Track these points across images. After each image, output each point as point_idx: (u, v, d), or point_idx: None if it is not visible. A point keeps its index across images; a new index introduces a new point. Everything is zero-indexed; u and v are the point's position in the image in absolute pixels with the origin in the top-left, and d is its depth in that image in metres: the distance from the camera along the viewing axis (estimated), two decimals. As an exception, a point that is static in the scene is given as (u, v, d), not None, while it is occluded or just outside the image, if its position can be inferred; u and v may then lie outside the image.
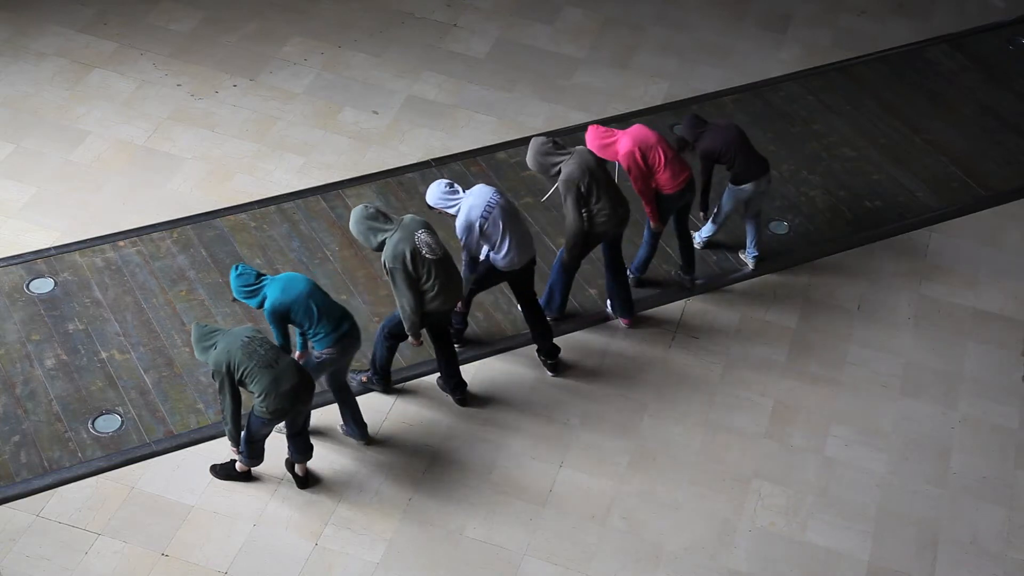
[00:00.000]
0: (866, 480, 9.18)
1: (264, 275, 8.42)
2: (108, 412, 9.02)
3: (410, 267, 8.54)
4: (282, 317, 8.33)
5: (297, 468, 8.66)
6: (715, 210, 10.44)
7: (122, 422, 8.99)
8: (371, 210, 8.63)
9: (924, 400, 9.77)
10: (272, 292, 8.30)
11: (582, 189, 9.15)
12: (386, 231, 8.58)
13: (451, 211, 9.03)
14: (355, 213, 8.64)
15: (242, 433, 8.34)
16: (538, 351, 9.63)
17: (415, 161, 11.33)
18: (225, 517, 8.51)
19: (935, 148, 12.05)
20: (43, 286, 9.85)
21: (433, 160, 11.32)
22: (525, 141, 11.57)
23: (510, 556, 8.51)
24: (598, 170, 9.25)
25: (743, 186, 10.04)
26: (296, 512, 8.58)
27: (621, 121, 11.91)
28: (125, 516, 8.46)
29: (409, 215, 8.73)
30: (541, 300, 9.86)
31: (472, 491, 8.84)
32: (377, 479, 8.84)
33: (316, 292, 8.40)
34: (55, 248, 10.14)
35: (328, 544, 8.44)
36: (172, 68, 11.97)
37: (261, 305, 8.35)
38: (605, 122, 11.86)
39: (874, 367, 9.96)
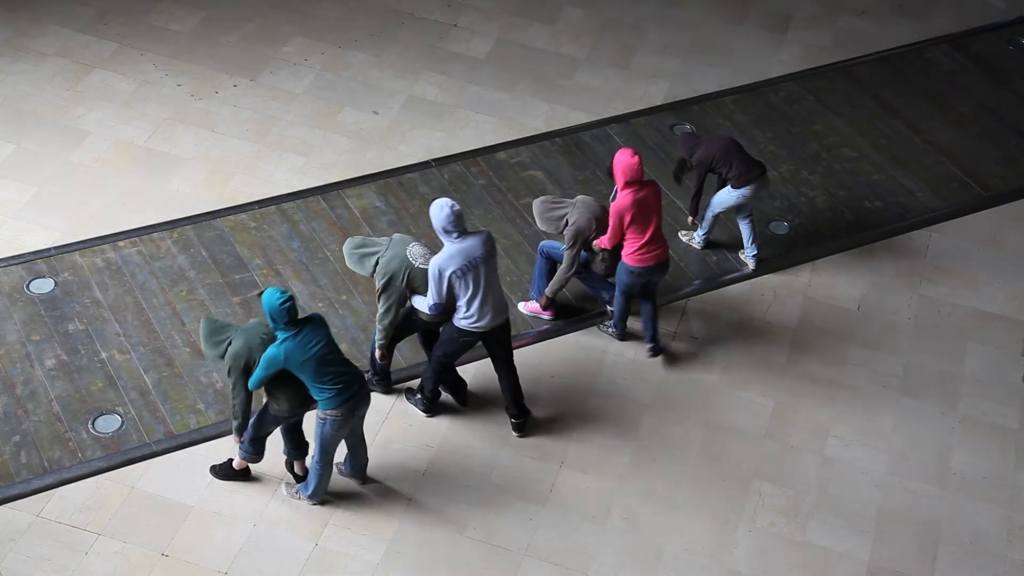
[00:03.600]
0: (866, 480, 9.18)
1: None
2: (108, 412, 9.01)
3: (401, 285, 8.51)
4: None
5: (296, 467, 8.66)
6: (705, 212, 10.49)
7: (122, 422, 8.99)
8: (357, 239, 8.73)
9: (924, 400, 9.77)
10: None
11: (590, 238, 9.38)
12: (376, 251, 8.61)
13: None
14: (345, 249, 8.72)
15: (246, 432, 8.34)
16: (507, 410, 9.17)
17: (415, 161, 11.32)
18: (225, 517, 8.51)
19: (935, 148, 12.04)
20: (43, 286, 9.85)
21: (433, 160, 11.32)
22: (525, 141, 11.58)
23: (510, 556, 8.51)
24: (604, 217, 9.40)
25: (742, 189, 10.06)
26: (296, 512, 8.58)
27: (621, 121, 11.91)
28: (125, 516, 8.46)
29: (397, 234, 8.76)
30: (532, 291, 9.97)
31: (472, 491, 8.84)
32: (377, 479, 8.83)
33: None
34: (55, 248, 10.13)
35: (328, 544, 8.44)
36: (172, 68, 11.97)
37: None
38: (605, 122, 11.88)
39: (874, 367, 9.96)
